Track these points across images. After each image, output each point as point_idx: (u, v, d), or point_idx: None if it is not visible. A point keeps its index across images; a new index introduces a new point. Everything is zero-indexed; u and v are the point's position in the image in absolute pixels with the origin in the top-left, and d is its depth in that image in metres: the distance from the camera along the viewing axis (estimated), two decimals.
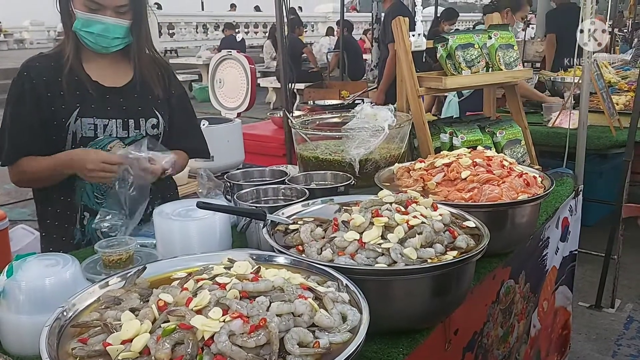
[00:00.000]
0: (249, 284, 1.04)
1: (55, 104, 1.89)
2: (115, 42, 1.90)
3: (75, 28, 1.86)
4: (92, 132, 1.92)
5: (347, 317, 1.04)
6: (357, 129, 2.09)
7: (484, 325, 1.87)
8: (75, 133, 1.90)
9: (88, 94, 1.92)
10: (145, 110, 2.01)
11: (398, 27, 2.32)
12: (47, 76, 1.90)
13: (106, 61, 1.97)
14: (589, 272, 4.02)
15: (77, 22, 1.85)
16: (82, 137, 1.91)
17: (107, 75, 1.97)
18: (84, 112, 1.90)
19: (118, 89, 1.98)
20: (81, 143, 1.91)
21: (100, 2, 1.82)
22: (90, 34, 1.86)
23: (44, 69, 1.91)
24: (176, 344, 0.91)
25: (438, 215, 1.41)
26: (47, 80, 1.89)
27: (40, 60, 1.95)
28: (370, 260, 1.29)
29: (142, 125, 1.99)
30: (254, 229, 1.70)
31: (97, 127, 1.92)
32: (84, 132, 1.90)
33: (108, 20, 1.84)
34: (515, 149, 2.43)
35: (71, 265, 1.32)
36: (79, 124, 1.89)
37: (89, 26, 1.85)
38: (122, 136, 1.96)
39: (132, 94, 2.00)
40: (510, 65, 2.42)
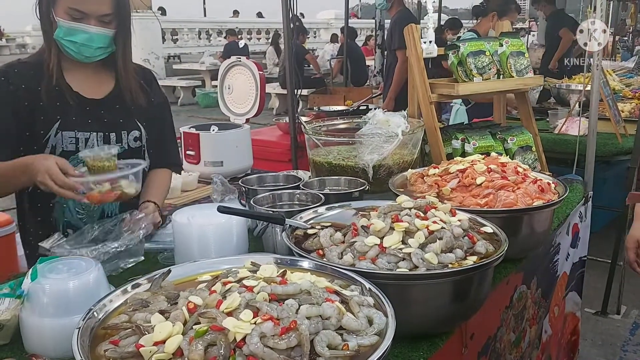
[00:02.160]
0: (278, 287, 1.06)
1: (34, 114, 1.79)
2: (98, 52, 1.82)
3: (57, 37, 1.77)
4: (74, 146, 1.82)
5: (374, 321, 1.05)
6: (370, 135, 2.11)
7: (497, 330, 1.88)
8: (55, 147, 1.81)
9: (68, 105, 1.82)
10: (127, 123, 1.93)
11: (410, 34, 2.34)
12: (26, 84, 1.79)
13: (88, 71, 1.88)
14: (594, 278, 4.03)
15: (59, 31, 1.76)
16: (63, 152, 1.81)
17: (88, 86, 1.88)
18: (64, 125, 1.81)
19: (99, 101, 1.89)
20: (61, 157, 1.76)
21: (84, 10, 1.73)
22: (73, 43, 1.77)
23: (24, 76, 1.80)
24: (208, 346, 0.93)
25: (457, 221, 1.43)
26: (27, 88, 1.79)
27: (20, 66, 1.84)
28: (391, 264, 1.30)
29: (124, 138, 1.92)
30: (270, 233, 1.71)
31: (79, 141, 1.83)
32: (64, 146, 1.81)
33: (92, 29, 1.76)
34: (526, 156, 2.44)
35: (94, 269, 1.34)
36: (59, 137, 1.80)
37: (71, 35, 1.76)
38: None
39: (114, 105, 1.92)
40: (521, 72, 2.44)
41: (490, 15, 4.48)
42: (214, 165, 2.98)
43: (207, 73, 14.49)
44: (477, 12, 5.13)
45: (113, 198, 1.60)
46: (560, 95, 4.56)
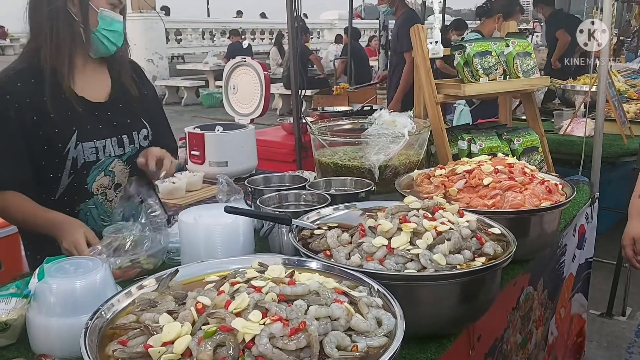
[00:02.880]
0: (287, 288, 1.05)
1: (45, 128, 1.71)
2: (121, 41, 1.82)
3: (99, 29, 1.73)
4: (94, 156, 1.79)
5: (383, 322, 1.05)
6: (376, 135, 2.10)
7: (504, 331, 1.87)
8: (77, 158, 1.76)
9: (79, 113, 1.76)
10: (135, 123, 1.91)
11: (416, 35, 2.34)
12: (30, 97, 1.70)
13: (88, 72, 1.83)
14: (599, 280, 4.01)
15: (102, 22, 1.73)
16: (85, 163, 1.78)
17: (90, 89, 1.83)
18: (82, 137, 1.76)
19: (104, 104, 1.85)
20: (83, 169, 1.78)
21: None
22: (112, 33, 1.76)
23: (26, 90, 1.70)
24: (217, 346, 0.92)
25: (465, 222, 1.42)
26: (32, 102, 1.70)
27: (17, 77, 1.72)
28: (399, 265, 1.29)
29: (135, 139, 1.91)
30: (276, 234, 1.71)
31: (98, 150, 1.80)
32: (86, 157, 1.77)
33: (121, 18, 1.79)
34: (532, 156, 2.43)
35: (101, 269, 1.33)
36: (79, 149, 1.75)
37: (111, 25, 1.75)
38: (119, 154, 1.86)
39: (118, 105, 1.89)
40: (528, 72, 2.43)
41: (495, 16, 4.51)
42: (219, 165, 2.98)
43: (210, 73, 14.51)
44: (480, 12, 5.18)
45: (133, 274, 1.61)
46: (565, 96, 4.55)
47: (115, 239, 1.64)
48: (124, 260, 1.61)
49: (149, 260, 1.66)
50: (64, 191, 1.79)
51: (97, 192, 1.84)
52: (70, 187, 1.79)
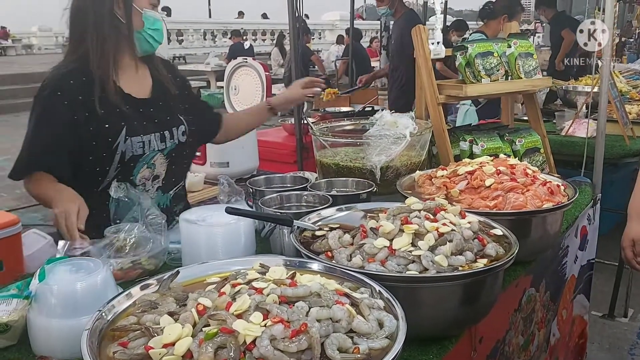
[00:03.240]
0: (288, 289, 1.05)
1: (95, 124, 1.81)
2: (162, 39, 1.92)
3: (145, 29, 1.84)
4: (141, 150, 1.89)
5: (384, 324, 1.04)
6: (378, 136, 2.10)
7: (506, 333, 1.87)
8: (125, 152, 1.85)
9: (127, 110, 1.86)
10: (174, 119, 2.00)
11: (418, 35, 2.33)
12: (82, 95, 1.80)
13: (131, 69, 1.93)
14: (601, 281, 4.00)
15: (147, 22, 1.83)
16: (133, 156, 1.87)
17: (134, 86, 1.93)
18: (131, 132, 1.85)
19: (147, 100, 1.95)
20: (130, 161, 1.88)
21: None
22: (155, 32, 1.86)
23: (78, 88, 1.80)
24: (218, 348, 0.92)
25: (467, 223, 1.42)
26: (83, 100, 1.80)
27: (71, 76, 1.82)
28: (401, 267, 1.29)
29: (175, 135, 1.99)
30: (277, 235, 1.70)
31: (144, 144, 1.89)
32: (134, 150, 1.87)
33: (160, 16, 1.89)
34: (534, 157, 2.43)
35: (102, 270, 1.33)
36: (128, 143, 1.85)
37: (154, 24, 1.85)
38: (161, 148, 1.95)
39: (158, 102, 1.98)
40: (530, 73, 2.43)
41: (500, 18, 4.56)
42: (220, 166, 2.98)
43: (212, 74, 14.51)
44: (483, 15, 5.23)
45: (135, 275, 1.61)
46: (567, 97, 4.54)
47: (117, 239, 1.64)
48: (125, 261, 1.61)
49: (150, 261, 1.65)
50: (108, 183, 1.85)
51: (139, 184, 1.93)
52: (115, 180, 1.85)
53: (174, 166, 2.02)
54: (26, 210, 5.90)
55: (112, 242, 1.64)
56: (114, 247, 1.62)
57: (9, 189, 6.95)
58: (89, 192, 1.84)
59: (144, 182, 1.95)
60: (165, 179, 2.01)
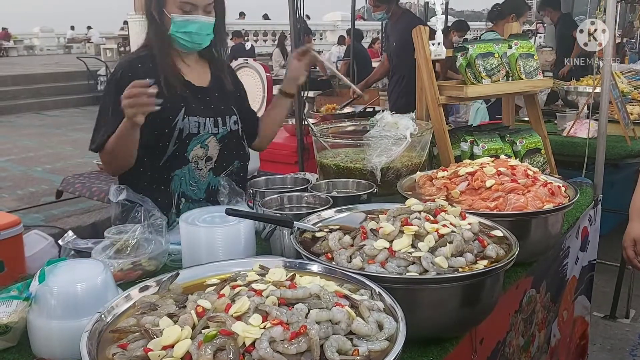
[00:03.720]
0: (288, 291, 1.05)
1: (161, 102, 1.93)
2: (207, 39, 2.06)
3: (172, 31, 2.00)
4: (196, 129, 2.06)
5: (384, 325, 1.04)
6: (378, 137, 2.10)
7: (506, 334, 1.86)
8: (182, 130, 2.04)
9: (187, 94, 2.07)
10: (227, 109, 2.17)
11: (418, 36, 2.33)
12: (149, 76, 1.91)
13: (191, 62, 2.13)
14: (603, 282, 4.00)
15: (174, 26, 1.99)
16: (189, 134, 2.06)
17: (193, 75, 2.12)
18: (189, 111, 2.05)
19: (205, 89, 2.14)
20: (186, 139, 2.06)
21: (194, 2, 1.97)
22: (187, 34, 2.00)
23: (145, 71, 2.00)
24: (217, 350, 0.92)
25: (467, 224, 1.42)
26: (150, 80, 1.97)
27: (139, 60, 2.07)
28: (401, 268, 1.29)
29: (227, 122, 2.15)
30: (278, 236, 1.70)
31: (200, 125, 2.07)
32: (190, 129, 2.05)
33: (202, 19, 2.00)
34: (535, 158, 2.43)
35: (102, 271, 1.33)
36: (186, 122, 2.04)
37: (185, 27, 1.99)
38: (214, 132, 2.12)
39: (215, 92, 2.16)
40: (531, 74, 2.42)
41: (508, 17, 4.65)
42: None
43: None
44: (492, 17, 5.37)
45: (135, 277, 1.62)
46: (568, 98, 4.53)
47: (117, 240, 1.64)
48: (125, 263, 1.61)
49: (151, 262, 1.65)
50: (167, 158, 2.07)
51: (192, 160, 2.10)
52: (172, 155, 2.07)
53: (225, 151, 2.17)
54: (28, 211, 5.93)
55: (113, 243, 1.64)
56: (115, 248, 1.62)
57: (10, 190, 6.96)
58: (153, 166, 2.07)
59: (197, 160, 2.12)
60: (217, 161, 2.16)
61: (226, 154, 2.18)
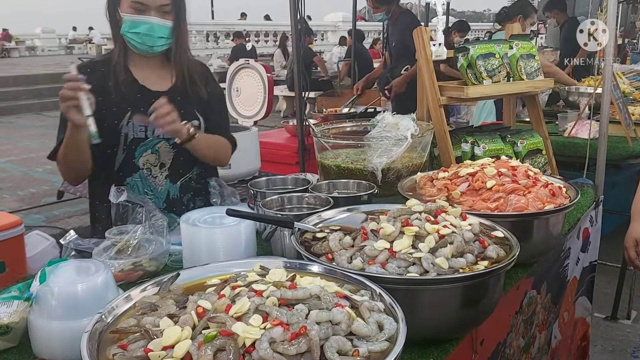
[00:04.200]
0: (288, 292, 1.05)
1: (107, 106, 1.97)
2: (159, 42, 1.98)
3: (123, 31, 1.96)
4: (143, 134, 2.02)
5: (384, 326, 1.04)
6: (379, 138, 2.10)
7: (507, 335, 1.86)
8: (127, 134, 2.01)
9: (137, 98, 2.02)
10: (187, 113, 2.07)
11: (419, 37, 2.33)
12: (98, 82, 1.95)
13: (151, 65, 2.08)
14: (604, 283, 3.99)
15: (125, 25, 1.94)
16: (134, 139, 2.03)
17: (152, 80, 2.07)
18: (135, 115, 2.00)
19: (162, 93, 2.05)
20: (132, 144, 2.03)
21: (145, 2, 1.91)
22: (136, 35, 1.95)
23: (96, 75, 1.98)
24: (217, 351, 0.91)
25: (467, 225, 1.41)
26: (99, 85, 1.95)
27: (92, 65, 2.07)
28: (401, 269, 1.29)
29: None
30: (278, 237, 1.70)
31: (147, 129, 2.02)
32: (135, 133, 2.01)
33: (152, 19, 1.93)
34: (536, 159, 2.42)
35: (103, 272, 1.33)
36: (130, 126, 2.00)
37: (135, 27, 1.94)
38: (167, 137, 2.04)
39: (175, 97, 2.06)
40: (532, 75, 2.42)
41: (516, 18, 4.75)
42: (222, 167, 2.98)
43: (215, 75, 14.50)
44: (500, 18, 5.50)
45: (135, 277, 1.62)
46: (570, 98, 4.53)
47: (118, 241, 1.64)
48: (126, 263, 1.61)
49: (152, 263, 1.66)
50: (119, 166, 2.05)
51: (143, 167, 2.07)
52: (123, 162, 2.05)
53: (181, 157, 2.10)
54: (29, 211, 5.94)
55: (114, 244, 1.64)
56: (116, 248, 1.62)
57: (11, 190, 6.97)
58: (107, 175, 2.05)
59: (149, 167, 2.08)
60: (172, 168, 2.11)
61: (182, 160, 2.11)
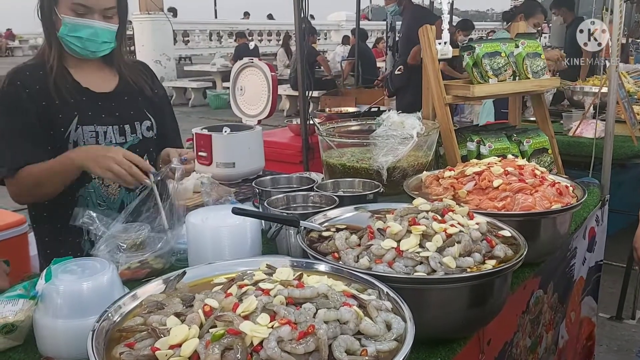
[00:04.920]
0: (295, 291, 1.04)
1: (51, 112, 1.82)
2: (103, 47, 1.85)
3: (61, 34, 1.79)
4: (94, 140, 1.86)
5: (392, 326, 1.03)
6: (385, 137, 2.09)
7: (514, 335, 1.85)
8: (77, 142, 1.84)
9: (82, 101, 1.86)
10: (138, 114, 1.97)
11: (425, 35, 2.32)
12: (39, 85, 1.83)
13: (91, 67, 1.92)
14: (609, 283, 3.97)
15: (64, 28, 1.78)
16: (84, 145, 1.84)
17: (94, 82, 1.92)
18: (83, 120, 1.84)
19: (108, 95, 1.93)
20: None
21: (89, 5, 1.76)
22: (78, 39, 1.80)
23: (35, 78, 1.83)
24: (225, 350, 0.91)
25: (475, 224, 1.40)
26: (40, 89, 1.82)
27: (28, 68, 1.87)
28: (408, 268, 1.28)
29: (137, 129, 1.96)
30: (284, 235, 1.69)
31: (98, 135, 1.87)
32: (85, 140, 1.84)
33: (96, 24, 1.79)
34: (542, 158, 2.41)
35: (108, 270, 1.33)
36: (79, 132, 1.84)
37: (76, 31, 1.79)
38: (120, 142, 1.91)
39: (122, 97, 1.96)
40: (538, 74, 2.41)
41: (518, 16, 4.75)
42: (226, 166, 2.97)
43: (218, 74, 14.53)
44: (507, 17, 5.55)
45: (143, 275, 1.61)
46: (574, 98, 4.51)
47: (125, 239, 1.63)
48: (133, 261, 1.60)
49: (158, 260, 1.65)
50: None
51: (95, 177, 1.87)
52: None
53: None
54: None
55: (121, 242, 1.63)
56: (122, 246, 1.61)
57: None
58: None
59: None
60: None
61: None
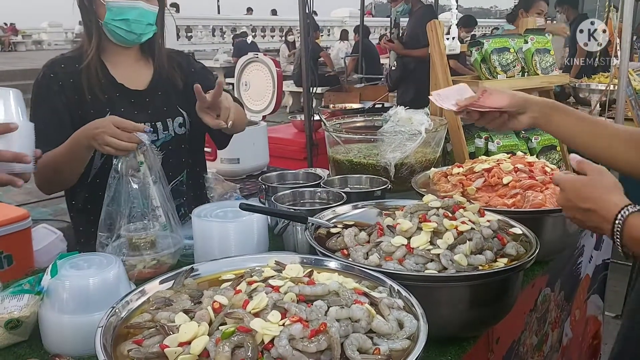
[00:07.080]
0: (306, 288, 1.02)
1: (83, 108, 1.84)
2: (148, 29, 1.85)
3: (106, 20, 1.79)
4: None
5: (404, 324, 1.01)
6: (393, 133, 2.07)
7: (521, 333, 1.83)
8: None
9: (115, 97, 1.88)
10: (171, 110, 1.97)
11: (433, 31, 2.30)
12: (74, 78, 1.84)
13: (129, 60, 1.94)
14: (614, 282, 3.94)
15: (109, 13, 1.78)
16: None
17: (130, 77, 1.93)
18: None
19: (142, 92, 1.94)
20: None
21: None
22: (124, 22, 1.79)
23: (70, 72, 1.84)
24: (235, 347, 0.89)
25: (486, 222, 1.39)
26: (74, 83, 1.84)
27: (64, 62, 1.88)
28: (419, 266, 1.26)
29: (169, 126, 1.96)
30: (291, 232, 1.68)
31: None
32: None
33: (141, 4, 1.80)
34: (550, 155, 2.39)
35: (115, 266, 1.31)
36: None
37: (122, 14, 1.78)
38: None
39: (156, 93, 1.96)
40: (547, 70, 2.39)
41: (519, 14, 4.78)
42: (231, 162, 2.97)
43: (220, 70, 14.51)
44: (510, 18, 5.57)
45: (153, 273, 1.57)
46: (580, 95, 4.49)
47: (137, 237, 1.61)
48: (147, 261, 1.58)
49: (169, 257, 1.63)
50: (96, 173, 1.86)
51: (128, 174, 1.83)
52: (102, 169, 1.84)
53: (170, 159, 1.93)
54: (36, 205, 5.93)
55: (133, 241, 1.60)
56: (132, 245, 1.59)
57: None
58: (82, 183, 1.86)
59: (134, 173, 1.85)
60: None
61: (171, 162, 1.95)
